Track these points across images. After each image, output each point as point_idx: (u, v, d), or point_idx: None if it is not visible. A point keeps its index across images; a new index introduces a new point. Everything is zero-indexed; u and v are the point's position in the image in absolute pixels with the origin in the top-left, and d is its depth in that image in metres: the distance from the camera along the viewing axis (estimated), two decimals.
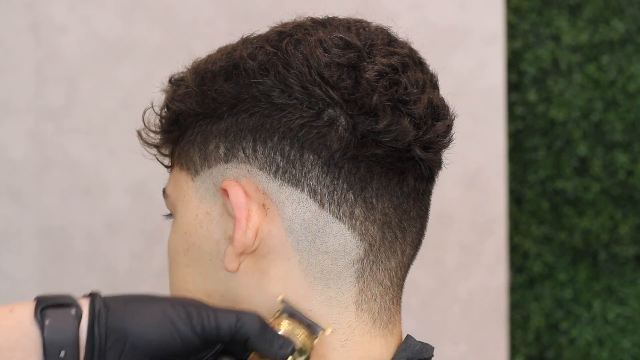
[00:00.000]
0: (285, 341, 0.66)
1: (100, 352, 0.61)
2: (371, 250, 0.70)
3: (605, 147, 2.29)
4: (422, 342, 0.73)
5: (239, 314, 0.64)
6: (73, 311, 0.61)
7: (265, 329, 0.65)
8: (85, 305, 0.62)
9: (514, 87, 2.27)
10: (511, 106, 2.27)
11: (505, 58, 2.17)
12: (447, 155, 0.74)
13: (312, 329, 0.68)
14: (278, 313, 0.68)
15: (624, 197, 2.30)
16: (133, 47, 1.92)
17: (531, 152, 2.30)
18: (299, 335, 0.67)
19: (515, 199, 2.29)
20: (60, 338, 0.60)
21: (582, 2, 2.27)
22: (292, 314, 0.68)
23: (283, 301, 0.68)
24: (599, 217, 2.30)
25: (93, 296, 0.63)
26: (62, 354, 0.60)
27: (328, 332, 0.68)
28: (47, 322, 0.60)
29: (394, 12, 1.91)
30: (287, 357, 0.66)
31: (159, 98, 0.74)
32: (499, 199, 2.13)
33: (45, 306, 0.61)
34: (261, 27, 0.73)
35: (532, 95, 2.28)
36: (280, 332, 0.67)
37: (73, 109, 1.91)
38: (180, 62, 0.75)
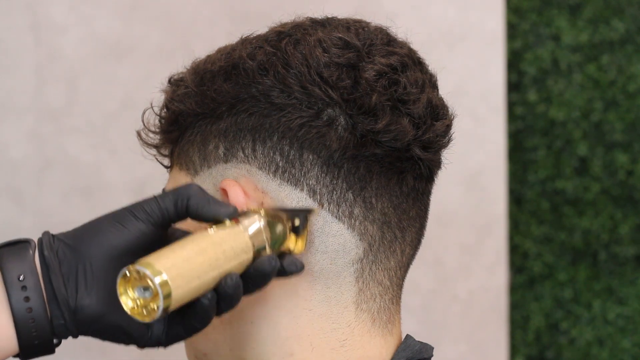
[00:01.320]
0: (229, 205, 0.66)
1: (55, 272, 0.62)
2: (370, 250, 0.69)
3: (605, 147, 2.29)
4: (421, 342, 0.73)
5: (177, 187, 0.65)
6: (25, 244, 0.64)
7: (205, 192, 0.65)
8: (35, 240, 0.65)
9: (514, 87, 2.27)
10: (511, 106, 2.27)
11: (505, 58, 2.17)
12: (447, 155, 0.73)
13: (294, 214, 0.68)
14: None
15: (624, 197, 2.30)
16: (133, 47, 1.92)
17: (531, 152, 2.29)
18: (260, 212, 0.67)
19: (515, 199, 2.29)
20: (16, 265, 0.62)
21: (582, 2, 2.27)
22: (272, 214, 0.68)
23: (262, 209, 0.68)
24: (599, 217, 2.30)
25: (44, 233, 0.65)
26: (22, 277, 0.62)
27: (317, 210, 0.68)
28: (2, 256, 0.63)
29: (393, 12, 1.91)
30: (228, 218, 0.65)
31: (159, 98, 0.74)
32: (499, 199, 2.13)
33: (1, 246, 0.64)
34: (261, 27, 0.73)
35: (532, 95, 2.28)
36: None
37: (73, 109, 1.91)
38: (180, 62, 0.75)
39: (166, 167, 0.76)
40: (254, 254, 0.66)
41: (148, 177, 1.86)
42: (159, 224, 0.64)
